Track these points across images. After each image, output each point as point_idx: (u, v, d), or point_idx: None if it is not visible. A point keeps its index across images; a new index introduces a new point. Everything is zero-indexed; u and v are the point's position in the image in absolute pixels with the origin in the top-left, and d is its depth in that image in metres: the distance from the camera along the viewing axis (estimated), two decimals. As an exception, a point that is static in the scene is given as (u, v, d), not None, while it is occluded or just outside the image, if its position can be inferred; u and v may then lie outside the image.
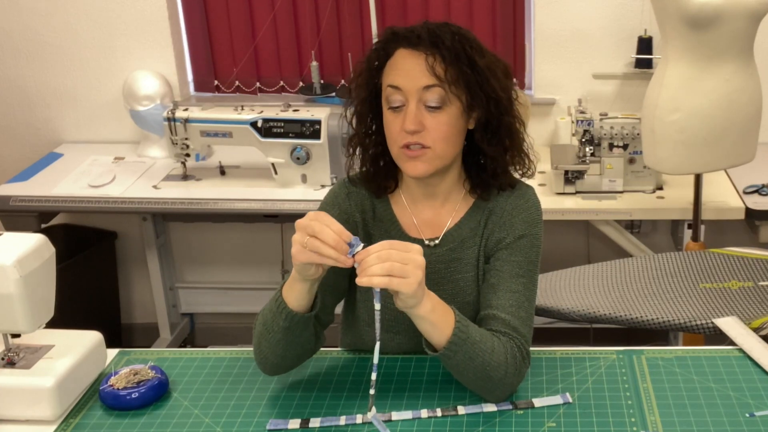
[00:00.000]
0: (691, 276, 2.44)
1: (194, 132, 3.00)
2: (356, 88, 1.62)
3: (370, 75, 1.59)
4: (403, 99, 1.53)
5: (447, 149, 1.56)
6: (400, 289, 1.36)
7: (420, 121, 1.52)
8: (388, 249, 1.36)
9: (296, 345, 1.53)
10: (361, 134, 1.65)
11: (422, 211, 1.67)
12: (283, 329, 1.49)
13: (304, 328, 1.51)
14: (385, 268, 1.34)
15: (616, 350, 1.70)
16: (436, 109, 1.52)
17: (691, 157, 2.52)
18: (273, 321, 1.50)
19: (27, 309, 1.50)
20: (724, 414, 1.50)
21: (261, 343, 1.54)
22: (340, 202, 1.68)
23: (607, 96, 3.32)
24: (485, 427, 1.48)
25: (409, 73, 1.52)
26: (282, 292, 1.50)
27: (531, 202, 1.66)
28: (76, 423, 1.53)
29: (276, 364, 1.56)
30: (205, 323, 3.83)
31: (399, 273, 1.35)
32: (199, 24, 3.42)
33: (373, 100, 1.60)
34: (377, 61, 1.57)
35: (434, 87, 1.51)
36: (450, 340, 1.44)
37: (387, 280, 1.35)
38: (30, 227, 2.98)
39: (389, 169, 1.66)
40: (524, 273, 1.59)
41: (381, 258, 1.35)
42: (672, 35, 2.46)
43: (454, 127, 1.55)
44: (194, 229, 3.62)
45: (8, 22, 3.38)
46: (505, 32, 3.30)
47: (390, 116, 1.55)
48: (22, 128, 3.54)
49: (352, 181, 1.69)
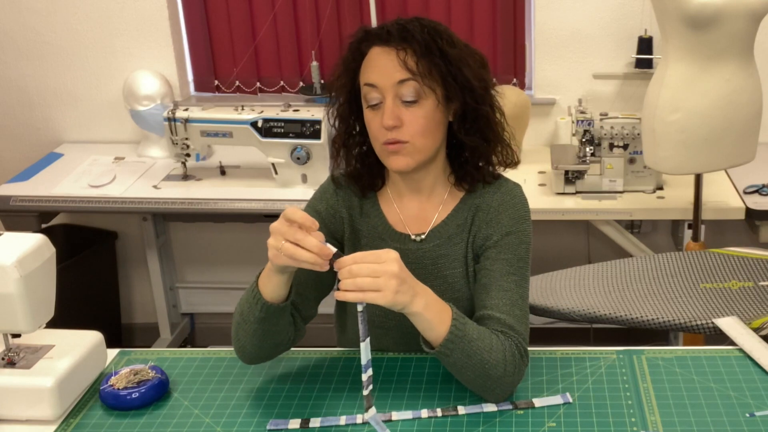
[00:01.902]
0: (691, 276, 2.44)
1: (194, 132, 3.00)
2: (336, 89, 1.64)
3: (348, 76, 1.61)
4: (380, 96, 1.54)
5: (426, 142, 1.57)
6: (375, 302, 1.37)
7: (397, 116, 1.53)
8: (359, 263, 1.37)
9: (273, 334, 1.54)
10: (344, 135, 1.66)
11: (408, 206, 1.68)
12: (260, 320, 1.51)
13: (280, 317, 1.52)
14: (357, 284, 1.35)
15: (616, 350, 1.70)
16: (413, 103, 1.54)
17: (692, 157, 2.52)
18: (249, 311, 1.52)
19: (27, 309, 1.50)
20: (725, 414, 1.50)
21: (238, 332, 1.55)
22: (327, 197, 1.70)
23: (607, 96, 3.32)
24: (485, 427, 1.48)
25: (383, 70, 1.54)
26: (258, 283, 1.51)
27: (517, 198, 1.66)
28: (77, 423, 1.53)
29: (253, 354, 1.58)
30: (205, 323, 3.83)
31: (371, 287, 1.36)
32: (199, 24, 3.42)
33: (353, 101, 1.62)
34: (353, 61, 1.59)
35: (408, 81, 1.53)
36: (446, 337, 1.45)
37: (361, 295, 1.36)
38: (30, 227, 2.98)
39: (375, 167, 1.68)
40: (515, 270, 1.59)
41: (351, 274, 1.36)
42: (672, 35, 2.46)
43: (431, 120, 1.56)
44: (194, 229, 3.62)
45: (8, 22, 3.38)
46: (505, 32, 3.30)
47: (369, 114, 1.57)
48: (22, 128, 3.54)
49: (337, 181, 1.71)
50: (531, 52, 3.34)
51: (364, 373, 1.39)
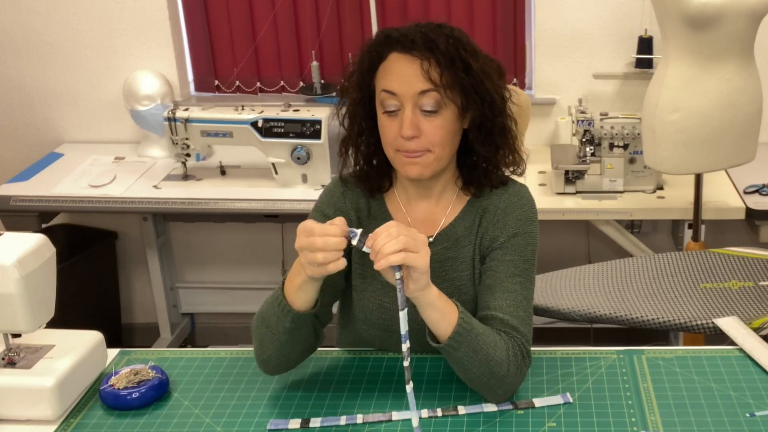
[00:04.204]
0: (691, 276, 2.44)
1: (195, 132, 3.00)
2: (348, 89, 1.62)
3: (362, 77, 1.59)
4: (399, 104, 1.53)
5: (444, 152, 1.57)
6: (415, 263, 1.36)
7: (416, 126, 1.52)
8: (395, 227, 1.37)
9: (300, 343, 1.54)
10: (354, 135, 1.65)
11: (416, 210, 1.67)
12: (289, 330, 1.50)
13: (308, 325, 1.52)
14: (400, 242, 1.35)
15: (616, 350, 1.70)
16: (432, 113, 1.53)
17: (692, 156, 2.52)
18: (278, 323, 1.50)
19: (27, 309, 1.50)
20: (725, 414, 1.50)
21: (264, 345, 1.53)
22: (335, 200, 1.68)
23: (607, 96, 3.32)
24: (486, 427, 1.48)
25: (405, 78, 1.51)
26: (284, 294, 1.49)
27: (525, 200, 1.66)
28: (77, 423, 1.53)
29: (280, 364, 1.56)
30: (205, 323, 3.83)
31: (412, 247, 1.36)
32: (199, 24, 3.42)
33: (366, 102, 1.60)
34: (369, 63, 1.57)
35: (430, 92, 1.51)
36: (455, 330, 1.44)
37: (403, 255, 1.35)
38: (30, 227, 2.98)
39: (383, 168, 1.67)
40: (520, 272, 1.59)
41: (391, 235, 1.36)
42: (672, 35, 2.46)
43: (450, 131, 1.55)
44: (195, 229, 3.62)
45: (8, 22, 3.38)
46: (505, 32, 3.30)
47: (385, 120, 1.56)
48: (23, 128, 3.54)
49: (345, 182, 1.70)
50: (531, 51, 3.34)
51: (404, 343, 1.38)
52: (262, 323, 1.54)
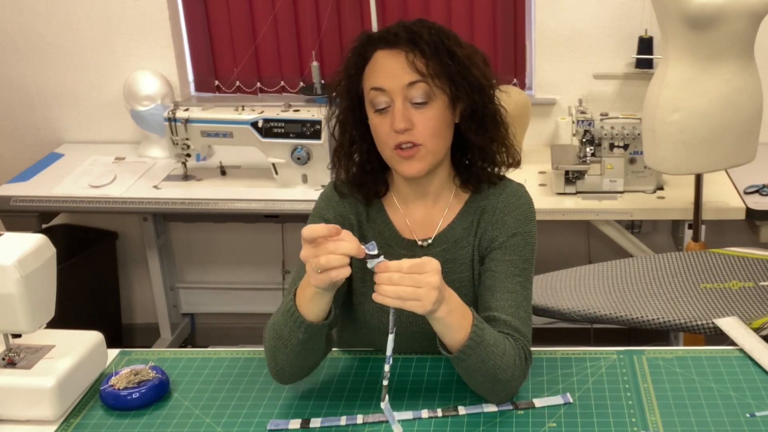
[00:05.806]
0: (691, 276, 2.44)
1: (195, 132, 3.00)
2: (337, 96, 1.61)
3: (350, 81, 1.58)
4: (389, 100, 1.53)
5: (438, 144, 1.56)
6: (413, 310, 1.35)
7: (408, 119, 1.52)
8: (402, 273, 1.34)
9: (314, 352, 1.52)
10: (345, 144, 1.63)
11: (414, 212, 1.67)
12: (303, 341, 1.47)
13: (321, 335, 1.50)
14: (397, 293, 1.33)
15: (616, 350, 1.70)
16: (423, 104, 1.52)
17: (692, 157, 2.52)
18: (291, 335, 1.47)
19: (28, 309, 1.50)
20: (725, 414, 1.50)
21: (276, 357, 1.51)
22: (334, 204, 1.67)
23: (607, 96, 3.32)
24: (486, 427, 1.48)
25: (391, 73, 1.52)
26: (296, 305, 1.46)
27: (523, 199, 1.65)
28: (77, 423, 1.53)
29: (294, 374, 1.55)
30: (205, 323, 3.83)
31: (411, 297, 1.34)
32: (199, 24, 3.42)
33: (355, 107, 1.60)
34: (355, 67, 1.57)
35: (418, 83, 1.51)
36: (465, 343, 1.43)
37: (399, 303, 1.34)
38: (31, 227, 2.98)
39: (377, 173, 1.66)
40: (520, 272, 1.59)
41: (392, 282, 1.34)
42: (672, 35, 2.46)
43: (441, 121, 1.55)
44: (195, 229, 3.62)
45: (8, 22, 3.38)
46: (506, 32, 3.30)
47: (377, 119, 1.55)
48: (23, 128, 3.54)
49: (340, 190, 1.68)
50: (531, 52, 3.34)
51: (387, 364, 1.37)
52: (274, 335, 1.51)
